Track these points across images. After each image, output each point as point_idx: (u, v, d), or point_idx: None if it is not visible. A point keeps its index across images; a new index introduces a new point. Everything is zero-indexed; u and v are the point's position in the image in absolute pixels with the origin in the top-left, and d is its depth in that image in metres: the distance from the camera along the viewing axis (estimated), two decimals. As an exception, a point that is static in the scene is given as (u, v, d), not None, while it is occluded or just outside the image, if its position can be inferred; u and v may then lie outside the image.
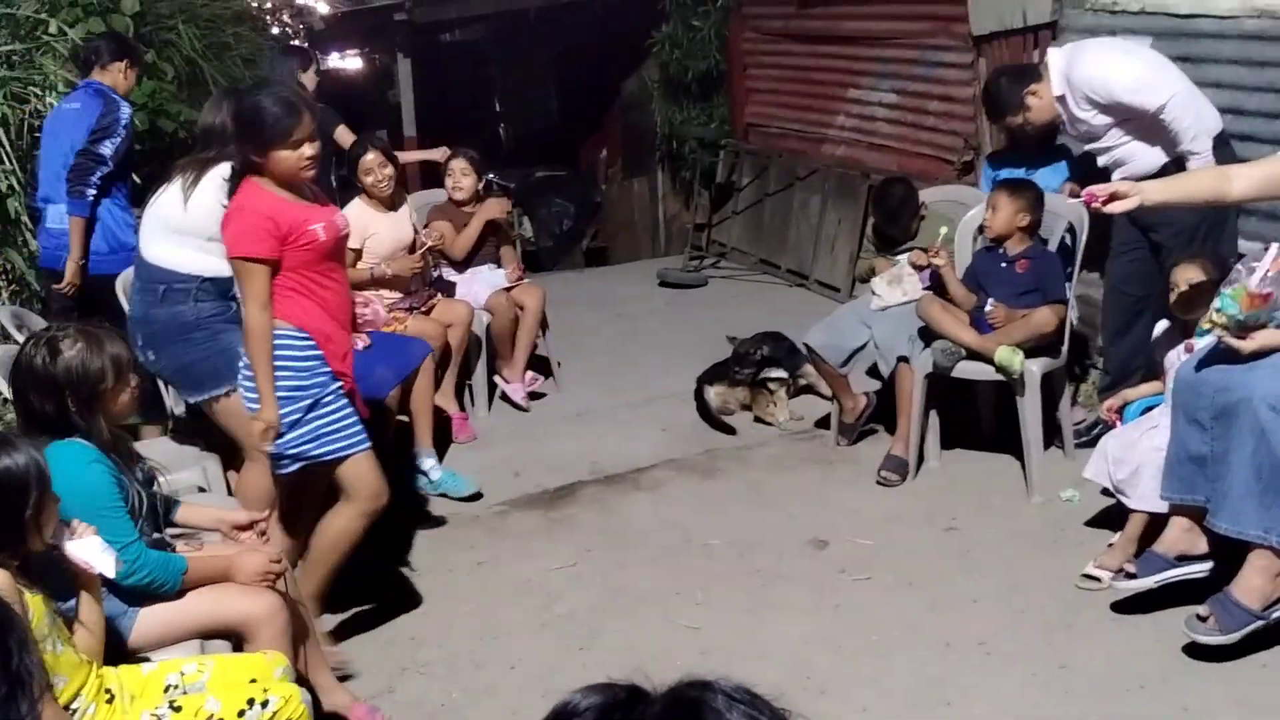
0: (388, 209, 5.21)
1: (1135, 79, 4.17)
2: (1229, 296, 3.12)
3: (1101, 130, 4.34)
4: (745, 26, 8.43)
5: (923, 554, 4.03)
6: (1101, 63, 4.26)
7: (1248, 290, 3.09)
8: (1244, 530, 3.18)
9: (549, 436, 5.33)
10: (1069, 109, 4.39)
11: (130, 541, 2.74)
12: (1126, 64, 4.23)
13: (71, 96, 4.93)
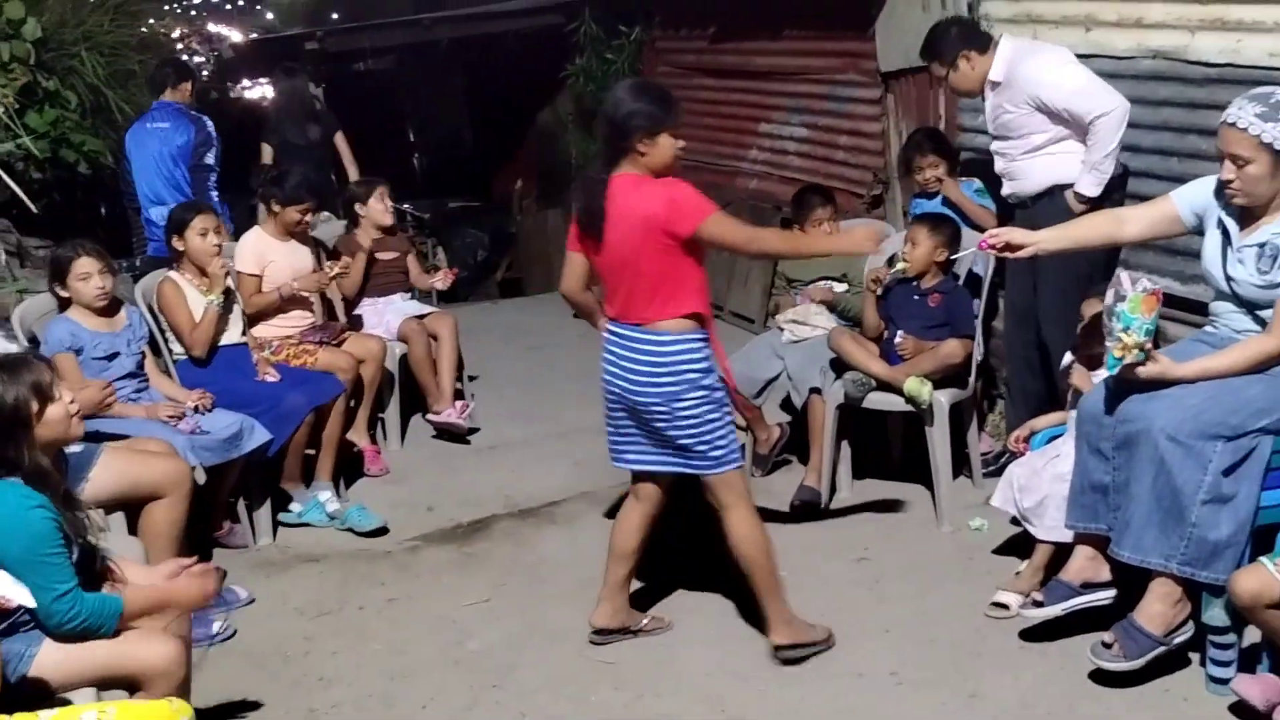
0: (288, 237, 5.15)
1: (1085, 83, 4.25)
2: (1128, 311, 3.18)
3: (1019, 129, 4.40)
4: (658, 60, 8.51)
5: (835, 584, 4.06)
6: (1055, 63, 4.34)
7: (1143, 294, 3.17)
8: (1146, 558, 3.25)
9: (463, 470, 5.28)
10: (998, 97, 4.46)
11: (69, 589, 2.68)
12: (1078, 70, 4.31)
13: (155, 116, 6.12)
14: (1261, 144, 3.15)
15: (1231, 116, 3.20)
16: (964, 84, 4.59)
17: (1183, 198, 3.54)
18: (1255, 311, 3.33)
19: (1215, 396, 3.21)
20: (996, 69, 4.45)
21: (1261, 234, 3.27)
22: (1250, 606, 3.04)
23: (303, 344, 5.04)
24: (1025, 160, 4.46)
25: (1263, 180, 3.20)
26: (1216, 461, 3.17)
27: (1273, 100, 3.17)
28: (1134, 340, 3.18)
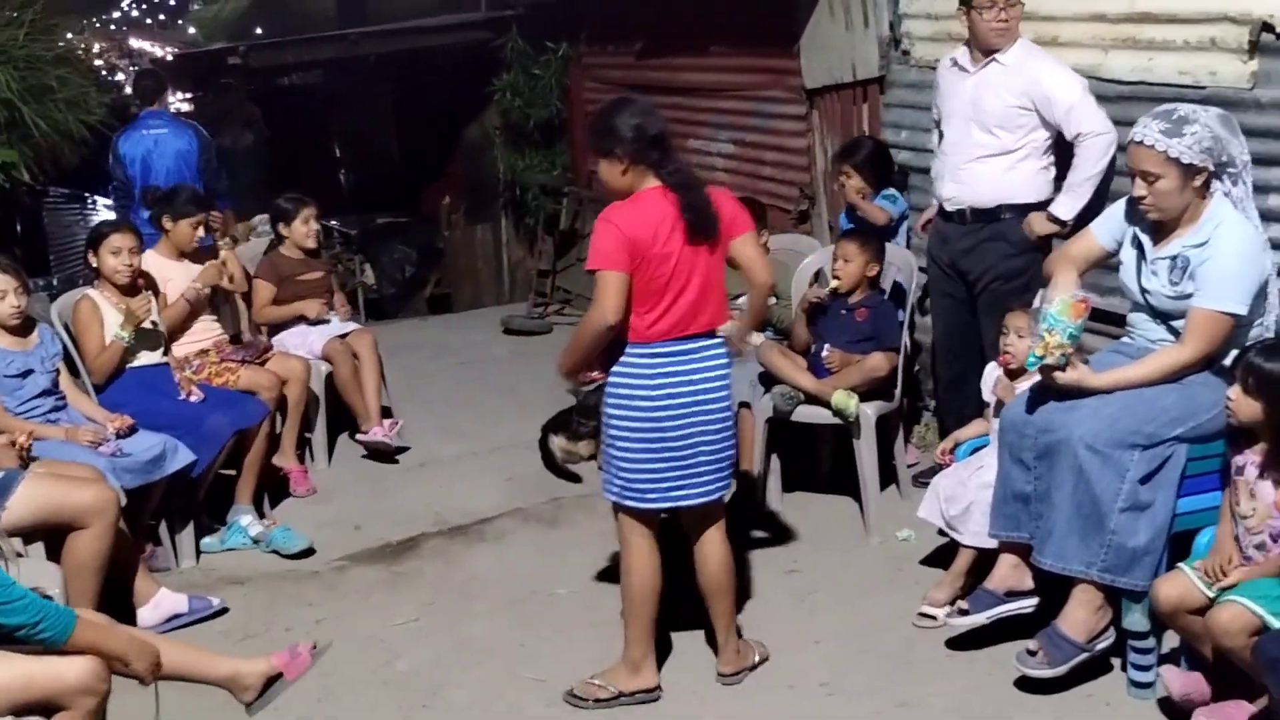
0: (181, 256, 5.11)
1: (1088, 99, 4.22)
2: (1055, 313, 3.24)
3: (996, 118, 4.34)
4: (586, 76, 8.53)
5: (766, 597, 4.08)
6: (1066, 72, 4.29)
7: (1072, 300, 3.24)
8: (1067, 566, 3.31)
9: (391, 488, 5.23)
10: (996, 76, 4.35)
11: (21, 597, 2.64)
12: (1084, 85, 4.27)
13: (149, 124, 6.60)
14: (1169, 159, 3.23)
15: (1139, 135, 3.28)
16: (1013, 25, 4.32)
17: (1100, 227, 3.62)
18: (1169, 322, 3.42)
19: (1131, 406, 3.28)
20: (1011, 52, 4.34)
21: (1173, 247, 3.36)
22: (1172, 613, 3.11)
23: (225, 362, 4.97)
24: (981, 164, 4.42)
25: (1173, 194, 3.28)
26: (1134, 470, 3.24)
27: (1175, 116, 3.26)
28: (1056, 341, 3.24)
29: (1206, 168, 3.26)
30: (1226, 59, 3.94)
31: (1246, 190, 3.37)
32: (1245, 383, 3.02)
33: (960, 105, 4.47)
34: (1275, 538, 3.02)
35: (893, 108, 5.49)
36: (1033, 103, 4.29)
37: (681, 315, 3.32)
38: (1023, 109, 4.32)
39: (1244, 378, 3.03)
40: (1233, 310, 3.25)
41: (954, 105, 4.51)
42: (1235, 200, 3.34)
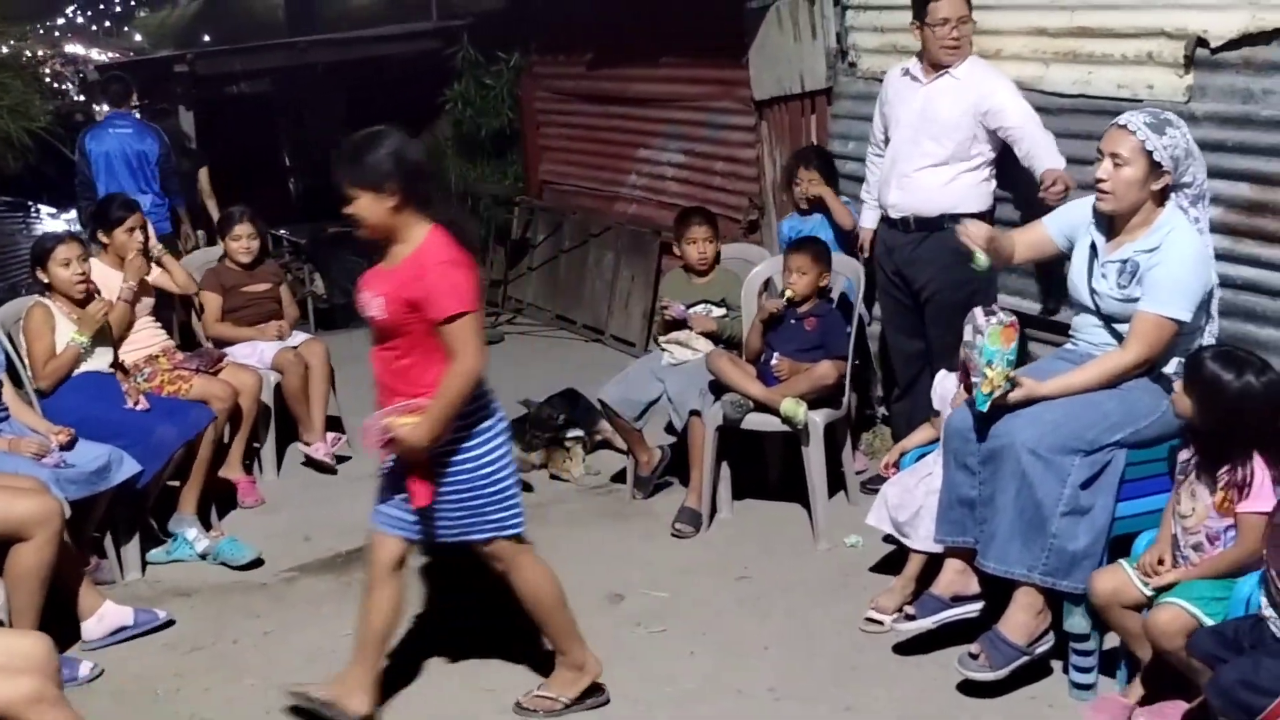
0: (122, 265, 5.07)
1: (1031, 114, 4.31)
2: (988, 345, 3.31)
3: (944, 127, 4.42)
4: (537, 86, 8.55)
5: (716, 604, 4.10)
6: (1014, 91, 4.37)
7: (1000, 327, 3.30)
8: (1010, 569, 3.36)
9: (342, 498, 5.20)
10: (945, 91, 4.42)
11: None
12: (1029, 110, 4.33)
13: (115, 124, 7.14)
14: (1144, 150, 3.32)
15: (1123, 119, 3.38)
16: (964, 43, 4.41)
17: (1053, 221, 3.71)
18: (1114, 325, 3.49)
19: (1073, 412, 3.35)
20: (961, 67, 4.41)
21: (1124, 251, 3.43)
22: (1107, 605, 3.18)
23: (177, 370, 4.93)
24: (928, 173, 4.49)
25: (1133, 186, 3.35)
26: (1075, 475, 3.30)
27: (1161, 117, 3.38)
28: (999, 374, 3.31)
29: (1170, 174, 3.34)
30: (1163, 73, 4.04)
31: (1203, 212, 3.47)
32: (1186, 379, 3.10)
33: (909, 115, 4.54)
34: (1212, 539, 3.09)
35: (840, 119, 5.56)
36: (982, 117, 4.38)
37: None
38: (971, 122, 4.40)
39: (1187, 373, 3.11)
40: (1177, 316, 3.33)
41: (903, 114, 4.58)
42: (1192, 220, 3.42)
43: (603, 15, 7.58)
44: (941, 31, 4.38)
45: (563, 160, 8.49)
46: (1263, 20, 3.72)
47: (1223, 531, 3.07)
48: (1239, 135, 3.83)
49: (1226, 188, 3.84)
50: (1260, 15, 3.72)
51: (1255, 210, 3.82)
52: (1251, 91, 3.80)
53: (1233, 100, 3.86)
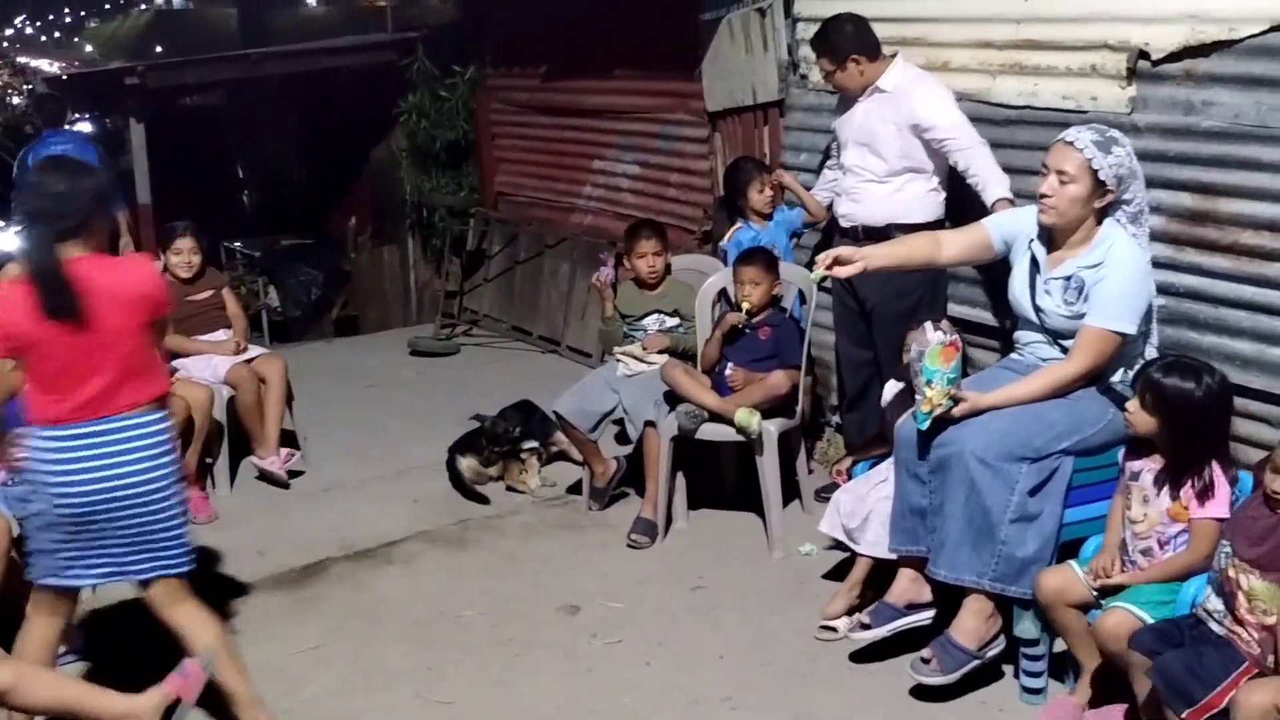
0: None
1: (961, 119, 4.36)
2: (929, 365, 3.35)
3: (882, 142, 4.48)
4: (492, 98, 8.55)
5: (672, 613, 4.11)
6: (945, 95, 4.44)
7: (940, 346, 3.34)
8: (960, 576, 3.40)
9: (296, 513, 5.17)
10: (878, 104, 4.50)
11: None
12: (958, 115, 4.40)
13: (53, 141, 7.21)
14: (1090, 168, 3.37)
15: (1070, 136, 3.42)
16: (847, 84, 4.56)
17: (995, 225, 3.77)
18: (1060, 341, 3.54)
19: (1020, 420, 3.40)
20: (887, 79, 4.49)
21: (1067, 267, 3.48)
22: (1052, 603, 3.22)
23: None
24: (873, 185, 4.56)
25: (1077, 203, 3.41)
26: (1022, 482, 3.35)
27: (1108, 134, 3.43)
28: (938, 393, 3.35)
29: (1113, 192, 3.40)
30: (1106, 84, 4.11)
31: (1141, 229, 3.53)
32: (1143, 398, 3.12)
33: (852, 130, 4.64)
34: (1162, 543, 3.14)
35: (792, 130, 5.60)
36: (914, 130, 4.43)
37: (98, 394, 3.11)
38: (905, 135, 4.46)
39: (1142, 393, 3.13)
40: (1122, 330, 3.39)
41: (846, 130, 4.68)
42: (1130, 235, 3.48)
43: (557, 28, 7.60)
44: (829, 80, 4.66)
45: (518, 172, 8.50)
46: (1202, 33, 3.79)
47: (1173, 537, 3.12)
48: (1180, 146, 3.90)
49: (1168, 197, 3.92)
50: (1199, 28, 3.80)
51: (1197, 219, 3.89)
52: (1192, 103, 3.88)
53: (1174, 111, 3.93)
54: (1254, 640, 2.77)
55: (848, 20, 4.56)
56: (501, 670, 3.79)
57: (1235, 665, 2.72)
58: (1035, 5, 4.32)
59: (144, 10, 31.59)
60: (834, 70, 4.57)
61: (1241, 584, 2.80)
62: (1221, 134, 3.79)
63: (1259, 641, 2.76)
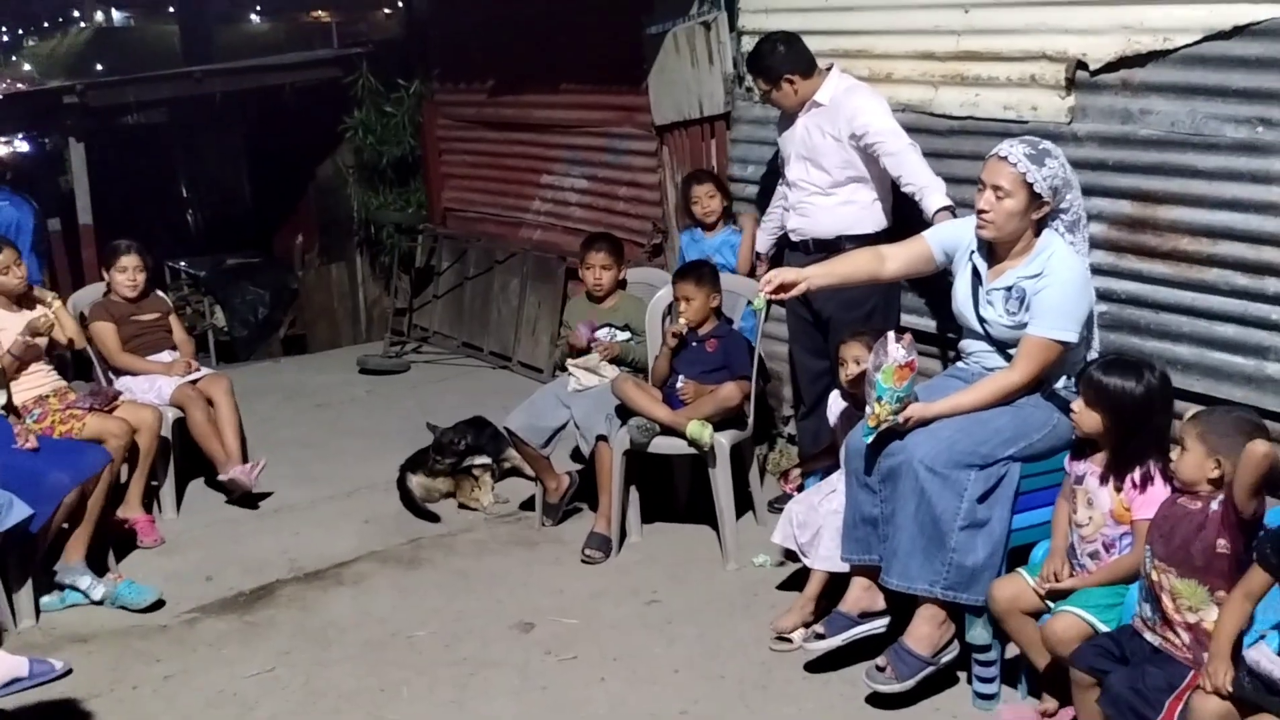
0: (17, 307, 4.98)
1: (893, 126, 4.40)
2: (881, 382, 3.37)
3: (825, 155, 4.52)
4: (438, 113, 8.52)
5: (627, 628, 4.10)
6: (880, 104, 4.47)
7: (895, 366, 3.36)
8: (913, 585, 3.42)
9: (244, 536, 5.10)
10: (816, 118, 4.54)
11: None
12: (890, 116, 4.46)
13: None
14: (1024, 181, 3.40)
15: (1003, 151, 3.44)
16: (783, 102, 4.63)
17: (935, 237, 3.80)
18: (1005, 350, 3.58)
19: (967, 428, 3.42)
20: (823, 93, 4.54)
21: (1008, 278, 3.52)
22: (1006, 612, 3.25)
23: (70, 409, 4.80)
24: (819, 198, 4.59)
25: (1015, 216, 3.44)
26: (971, 489, 3.37)
27: (1040, 147, 3.45)
28: (886, 411, 3.37)
29: (1049, 203, 3.44)
30: (1046, 95, 4.17)
31: (1078, 237, 3.56)
32: (1087, 396, 3.18)
33: (794, 145, 4.68)
34: (1108, 546, 3.17)
35: (739, 143, 5.63)
36: (852, 140, 4.47)
37: None
38: (845, 146, 4.50)
39: (1085, 391, 3.19)
40: (1063, 338, 3.42)
41: (790, 145, 4.72)
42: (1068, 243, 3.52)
43: (503, 42, 7.59)
44: (767, 98, 4.71)
45: (466, 187, 8.47)
46: (1137, 44, 3.86)
47: (1118, 539, 3.16)
48: (1119, 154, 3.97)
49: (1109, 205, 3.98)
50: (1134, 39, 3.87)
51: (1136, 226, 3.96)
52: (1130, 112, 3.94)
53: (1112, 120, 3.99)
54: (1185, 644, 2.80)
55: (780, 40, 4.61)
56: (455, 690, 3.75)
57: (1179, 680, 2.74)
58: (975, 18, 4.38)
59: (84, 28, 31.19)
60: (769, 90, 4.63)
61: (1164, 584, 2.84)
62: (1159, 142, 3.86)
63: (1188, 645, 2.79)
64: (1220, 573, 2.75)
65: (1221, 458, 2.79)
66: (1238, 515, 2.68)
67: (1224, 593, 2.73)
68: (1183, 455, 2.86)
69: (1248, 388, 3.71)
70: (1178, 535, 2.83)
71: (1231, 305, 3.74)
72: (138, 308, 5.47)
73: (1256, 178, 3.62)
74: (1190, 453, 2.84)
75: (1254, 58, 3.59)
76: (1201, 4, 3.68)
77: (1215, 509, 2.77)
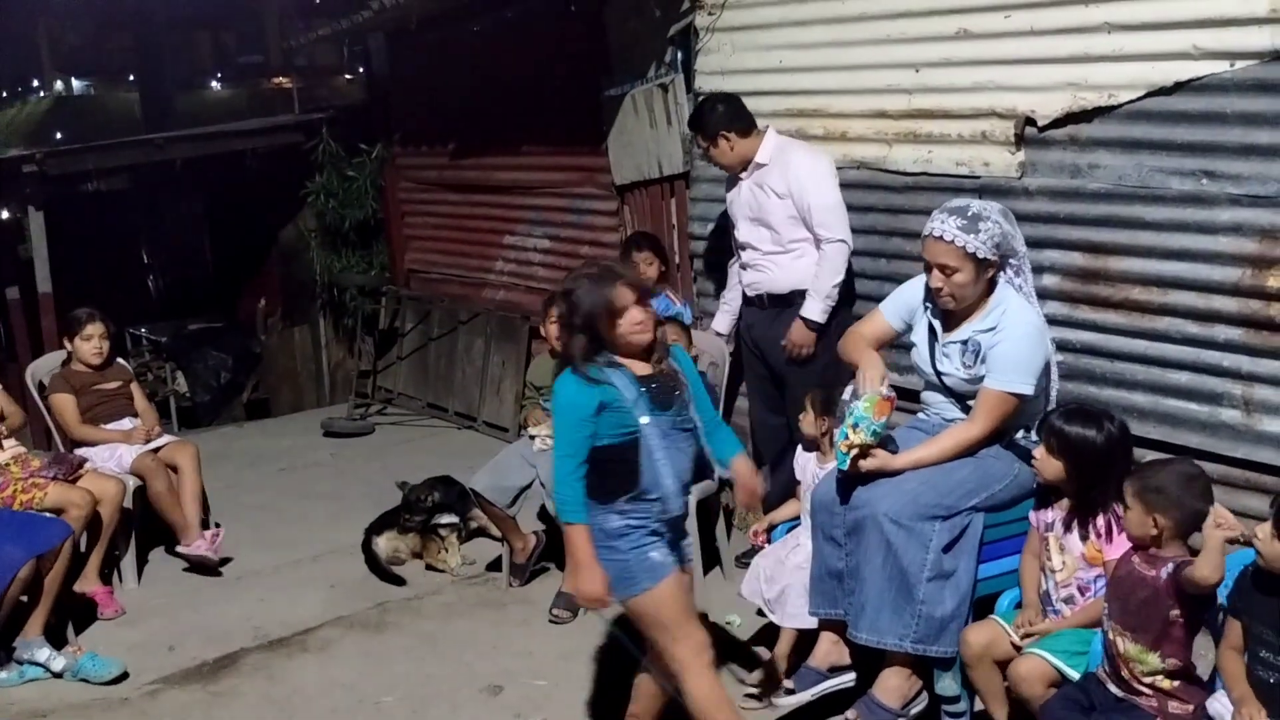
0: None
1: (838, 203, 4.50)
2: (861, 410, 3.39)
3: (770, 214, 4.61)
4: (400, 176, 8.57)
5: (596, 689, 4.07)
6: (823, 170, 4.57)
7: (879, 398, 3.39)
8: (882, 639, 3.42)
9: (207, 604, 5.04)
10: (760, 176, 4.64)
11: None
12: (836, 187, 4.55)
13: None
14: (966, 254, 3.42)
15: (937, 230, 3.45)
16: (722, 160, 4.73)
17: (889, 310, 3.81)
18: (964, 401, 3.62)
19: (930, 480, 3.45)
20: (764, 152, 4.64)
21: (963, 332, 3.56)
22: (978, 660, 3.25)
23: (33, 478, 4.74)
24: (773, 256, 4.66)
25: (969, 285, 3.48)
26: (936, 540, 3.39)
27: (970, 214, 3.46)
28: (860, 439, 3.40)
29: (995, 262, 3.49)
30: (997, 151, 4.26)
31: (1027, 278, 3.62)
32: (1048, 444, 3.22)
33: (741, 206, 4.78)
34: (1083, 590, 3.20)
35: (699, 201, 5.70)
36: (789, 193, 4.56)
37: None
38: (790, 207, 4.58)
39: (1047, 439, 3.23)
40: (1020, 391, 3.46)
41: (737, 207, 4.81)
42: (1017, 287, 3.57)
43: (464, 106, 7.67)
44: (707, 155, 4.80)
45: (429, 249, 8.50)
46: (1083, 100, 3.96)
47: (1092, 581, 3.20)
48: (1069, 207, 4.05)
49: (1061, 257, 4.05)
50: (1080, 95, 3.97)
51: (1089, 278, 4.03)
52: (1079, 166, 4.03)
53: (1062, 175, 4.08)
54: (1149, 696, 2.83)
55: (719, 100, 4.77)
56: (423, 756, 3.71)
57: None
58: (926, 76, 4.48)
59: (43, 97, 31.16)
60: (708, 147, 4.74)
61: (1119, 647, 2.88)
62: (1107, 195, 3.95)
63: (1152, 697, 2.83)
64: (1175, 640, 2.80)
65: (1159, 515, 2.84)
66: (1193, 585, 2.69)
67: (1176, 660, 2.78)
68: (1126, 514, 2.91)
69: (1203, 434, 3.77)
70: (1133, 600, 2.87)
71: (1184, 353, 3.82)
72: (100, 376, 5.44)
73: (1203, 228, 3.72)
74: (1132, 510, 2.89)
75: (1197, 112, 3.69)
76: (1144, 61, 3.78)
77: (1165, 576, 2.80)
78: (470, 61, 7.47)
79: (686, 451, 3.14)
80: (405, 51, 8.25)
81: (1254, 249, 3.61)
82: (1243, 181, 3.61)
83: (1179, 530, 2.85)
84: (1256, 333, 3.63)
